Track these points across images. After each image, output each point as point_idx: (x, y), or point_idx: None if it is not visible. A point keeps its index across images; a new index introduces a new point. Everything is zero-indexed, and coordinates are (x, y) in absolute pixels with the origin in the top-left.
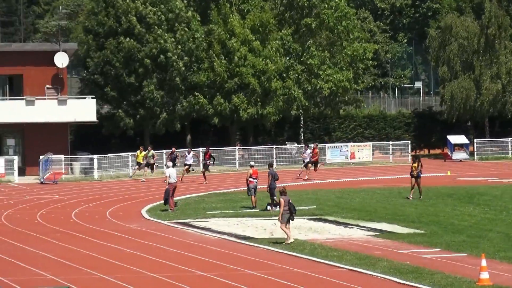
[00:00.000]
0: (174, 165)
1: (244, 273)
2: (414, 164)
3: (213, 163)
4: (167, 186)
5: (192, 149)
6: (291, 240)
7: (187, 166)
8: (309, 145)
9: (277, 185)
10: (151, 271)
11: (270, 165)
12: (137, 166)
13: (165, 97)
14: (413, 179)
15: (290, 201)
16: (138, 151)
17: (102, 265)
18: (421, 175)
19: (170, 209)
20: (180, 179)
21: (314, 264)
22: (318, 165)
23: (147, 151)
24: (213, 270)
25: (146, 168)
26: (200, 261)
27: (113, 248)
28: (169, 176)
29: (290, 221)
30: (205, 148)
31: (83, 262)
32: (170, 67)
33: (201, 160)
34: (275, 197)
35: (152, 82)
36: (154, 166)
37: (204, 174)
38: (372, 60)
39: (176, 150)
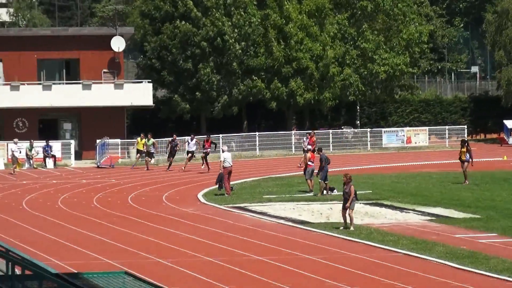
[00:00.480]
0: (174, 154)
1: (300, 258)
2: (462, 149)
3: (215, 149)
4: (221, 171)
5: (195, 136)
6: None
7: (190, 154)
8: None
9: (329, 170)
10: (207, 255)
11: (320, 150)
12: (138, 155)
13: (221, 81)
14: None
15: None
16: (139, 138)
17: (158, 249)
18: (470, 160)
19: (227, 194)
20: (183, 168)
21: (370, 249)
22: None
23: (146, 139)
24: (269, 254)
25: (147, 158)
26: (256, 245)
27: (169, 232)
28: (224, 160)
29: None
30: (205, 136)
31: (139, 246)
32: (227, 51)
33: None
34: (327, 181)
35: (208, 66)
36: (154, 155)
37: (203, 160)
38: (428, 44)
39: (177, 138)
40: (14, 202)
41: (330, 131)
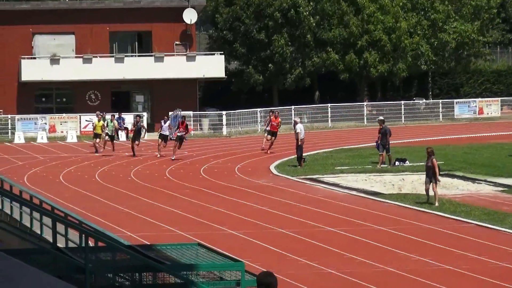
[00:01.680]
0: (139, 137)
1: (372, 229)
2: None
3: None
4: (300, 143)
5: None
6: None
7: (161, 140)
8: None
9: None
10: (279, 227)
11: (382, 122)
12: (96, 139)
13: (294, 53)
14: None
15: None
16: (96, 120)
17: (230, 221)
18: None
19: (299, 166)
20: (157, 155)
21: (442, 220)
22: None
23: (107, 120)
24: (341, 225)
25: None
26: (328, 216)
27: (242, 203)
28: (300, 132)
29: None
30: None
31: (212, 218)
32: (301, 23)
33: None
34: (390, 153)
35: (283, 37)
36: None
37: (176, 147)
38: (497, 9)
39: (140, 119)
40: (87, 174)
41: (402, 102)
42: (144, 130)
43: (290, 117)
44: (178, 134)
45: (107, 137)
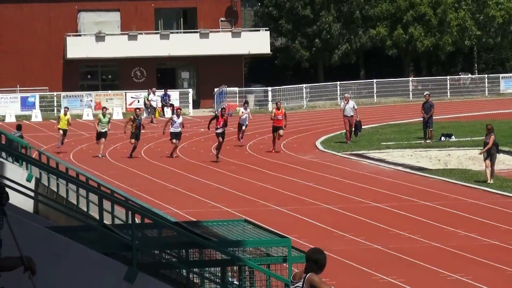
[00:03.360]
0: (138, 135)
1: (418, 204)
2: None
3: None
4: (355, 119)
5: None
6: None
7: (175, 140)
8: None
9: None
10: (325, 203)
11: (428, 96)
12: (62, 135)
13: (341, 29)
14: None
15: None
16: (62, 113)
17: (276, 197)
18: None
19: (348, 142)
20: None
21: (488, 195)
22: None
23: (103, 114)
24: (387, 201)
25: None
26: (374, 192)
27: (288, 180)
28: (345, 109)
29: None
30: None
31: (258, 194)
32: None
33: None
34: (432, 129)
35: (330, 14)
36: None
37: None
38: None
39: (140, 113)
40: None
41: (448, 77)
42: (143, 127)
43: (335, 93)
44: (217, 131)
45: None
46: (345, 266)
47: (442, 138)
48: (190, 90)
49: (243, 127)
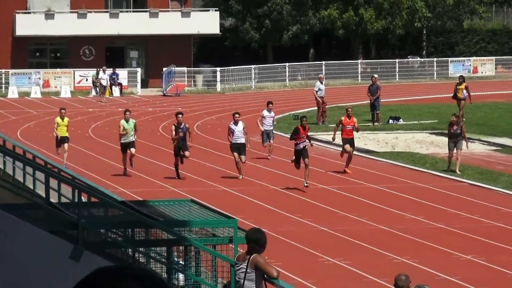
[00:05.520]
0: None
1: (365, 187)
2: (459, 86)
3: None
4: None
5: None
6: None
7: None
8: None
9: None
10: (272, 184)
11: (375, 78)
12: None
13: (291, 10)
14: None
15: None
16: (58, 117)
17: (224, 178)
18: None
19: (319, 123)
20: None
21: (435, 178)
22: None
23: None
24: (335, 183)
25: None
26: (321, 174)
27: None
28: (320, 90)
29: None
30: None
31: (205, 175)
32: None
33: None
34: (379, 112)
35: None
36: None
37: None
38: None
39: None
40: (81, 129)
41: (397, 60)
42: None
43: (284, 75)
44: (297, 147)
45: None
46: (292, 248)
47: (390, 121)
48: (139, 69)
49: (271, 140)
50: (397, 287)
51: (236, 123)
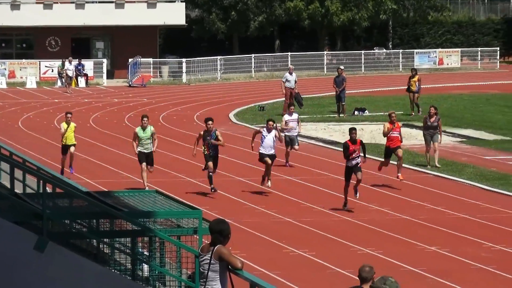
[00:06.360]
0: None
1: (330, 178)
2: (412, 79)
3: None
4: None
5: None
6: None
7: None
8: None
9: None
10: (237, 175)
11: (341, 70)
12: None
13: (257, 1)
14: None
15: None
16: (64, 123)
17: (189, 168)
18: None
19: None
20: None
21: (401, 170)
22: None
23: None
24: (300, 174)
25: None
26: (284, 164)
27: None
28: (289, 80)
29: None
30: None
31: (170, 165)
32: None
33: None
34: (344, 103)
35: None
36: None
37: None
38: None
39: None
40: (46, 120)
41: (362, 52)
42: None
43: (250, 66)
44: (349, 164)
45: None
46: (256, 239)
47: (356, 113)
48: (105, 60)
49: (296, 146)
50: (361, 278)
51: (269, 131)
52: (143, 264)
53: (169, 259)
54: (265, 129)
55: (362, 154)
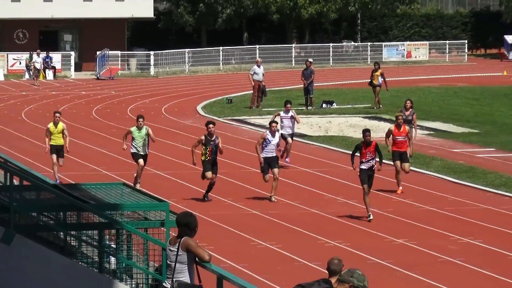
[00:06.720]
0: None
1: (298, 170)
2: (375, 73)
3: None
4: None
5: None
6: None
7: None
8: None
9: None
10: None
11: (310, 63)
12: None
13: None
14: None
15: None
16: (51, 123)
17: (156, 161)
18: (381, 84)
19: (252, 106)
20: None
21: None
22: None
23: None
24: None
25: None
26: (254, 157)
27: (168, 144)
28: (257, 73)
29: None
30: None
31: None
32: None
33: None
34: (312, 96)
35: None
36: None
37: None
38: None
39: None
40: (14, 113)
41: (331, 45)
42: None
43: (218, 59)
44: (363, 166)
45: None
46: (223, 231)
47: (324, 105)
48: (72, 53)
49: (289, 140)
50: (330, 271)
51: (273, 134)
52: (110, 256)
53: (136, 252)
54: (268, 132)
55: (378, 159)
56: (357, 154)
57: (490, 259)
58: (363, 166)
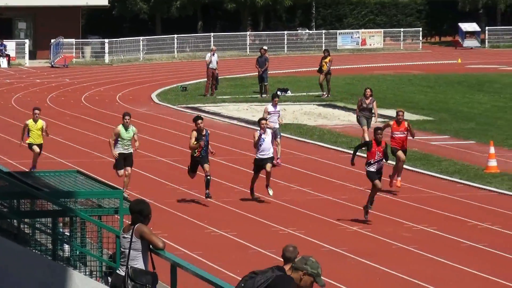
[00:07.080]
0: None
1: (251, 158)
2: (324, 60)
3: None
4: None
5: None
6: None
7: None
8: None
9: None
10: (159, 155)
11: (265, 50)
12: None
13: None
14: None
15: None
16: (31, 120)
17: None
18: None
19: (206, 94)
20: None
21: (322, 150)
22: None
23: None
24: (222, 154)
25: None
26: (213, 146)
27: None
28: (212, 61)
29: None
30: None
31: (92, 146)
32: None
33: None
34: (267, 83)
35: None
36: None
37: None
38: None
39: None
40: None
41: (285, 32)
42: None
43: (172, 46)
44: (370, 168)
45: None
46: (178, 219)
47: (278, 93)
48: (27, 41)
49: (277, 139)
50: (285, 258)
51: (265, 130)
52: (64, 244)
53: (90, 239)
54: (260, 130)
55: (384, 160)
56: (358, 153)
57: (444, 246)
58: (372, 169)
